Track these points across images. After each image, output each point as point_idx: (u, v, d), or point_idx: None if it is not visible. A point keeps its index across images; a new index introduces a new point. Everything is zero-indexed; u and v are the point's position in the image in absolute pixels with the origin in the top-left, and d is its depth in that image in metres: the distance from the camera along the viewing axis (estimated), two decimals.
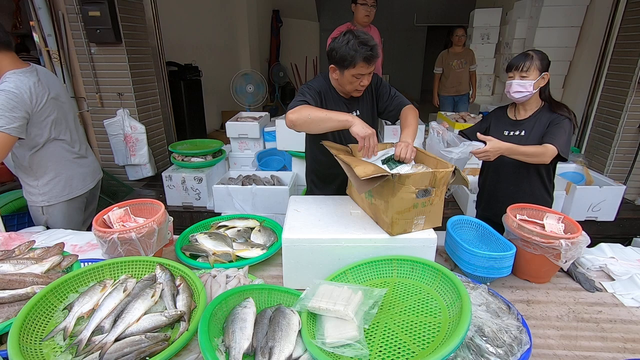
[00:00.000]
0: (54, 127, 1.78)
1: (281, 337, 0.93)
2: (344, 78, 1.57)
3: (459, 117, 3.71)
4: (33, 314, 0.97)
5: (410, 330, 0.94)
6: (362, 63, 1.48)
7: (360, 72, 1.52)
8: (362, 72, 1.52)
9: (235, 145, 3.59)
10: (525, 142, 1.64)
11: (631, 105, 3.24)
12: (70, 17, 3.15)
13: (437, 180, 1.20)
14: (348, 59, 1.49)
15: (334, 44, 1.53)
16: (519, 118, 1.74)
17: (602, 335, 1.10)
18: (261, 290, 1.14)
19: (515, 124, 1.74)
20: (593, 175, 3.08)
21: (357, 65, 1.49)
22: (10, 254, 1.27)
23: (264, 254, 1.41)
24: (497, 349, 0.92)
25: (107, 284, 1.09)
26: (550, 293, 1.29)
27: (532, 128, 1.67)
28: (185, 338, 0.92)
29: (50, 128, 1.76)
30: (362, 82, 1.57)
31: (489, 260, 1.23)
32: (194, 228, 1.64)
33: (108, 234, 1.23)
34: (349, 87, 1.60)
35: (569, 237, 1.24)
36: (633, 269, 1.37)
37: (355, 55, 1.47)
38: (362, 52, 1.46)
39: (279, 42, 8.52)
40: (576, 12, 4.40)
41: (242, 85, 4.97)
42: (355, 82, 1.56)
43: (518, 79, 1.62)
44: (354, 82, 1.56)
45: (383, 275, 1.20)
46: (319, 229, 1.28)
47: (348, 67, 1.51)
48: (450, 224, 1.46)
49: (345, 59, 1.49)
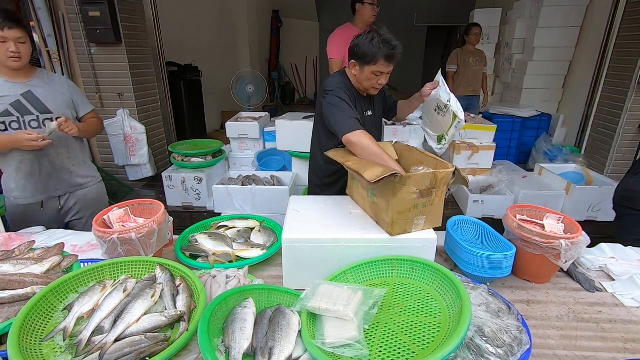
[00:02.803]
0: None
1: (281, 338, 0.93)
2: (363, 74, 1.60)
3: None
4: (33, 315, 0.97)
5: (410, 331, 0.94)
6: (382, 61, 1.52)
7: (380, 69, 1.55)
8: (382, 70, 1.56)
9: (235, 145, 3.59)
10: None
11: (631, 105, 3.24)
12: (70, 18, 3.15)
13: (438, 180, 1.20)
14: (370, 55, 1.52)
15: (358, 40, 1.57)
16: None
17: (602, 335, 1.09)
18: (261, 291, 1.14)
19: None
20: (593, 175, 3.08)
21: (378, 63, 1.53)
22: (10, 254, 1.27)
23: (264, 254, 1.41)
24: (497, 349, 0.92)
25: (107, 285, 1.09)
26: (550, 293, 1.29)
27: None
28: (185, 338, 0.92)
29: None
30: (380, 81, 1.60)
31: (489, 260, 1.23)
32: (194, 228, 1.63)
33: (108, 234, 1.23)
34: (366, 84, 1.63)
35: (569, 237, 1.24)
36: (633, 269, 1.37)
37: (377, 52, 1.51)
38: (384, 50, 1.50)
39: (279, 42, 8.53)
40: (576, 12, 4.40)
41: (242, 85, 4.97)
42: (374, 79, 1.59)
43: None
44: (373, 79, 1.59)
45: (383, 276, 1.19)
46: (319, 229, 1.28)
47: (369, 64, 1.55)
48: (450, 224, 1.46)
49: (367, 55, 1.53)
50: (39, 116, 1.72)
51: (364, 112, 1.74)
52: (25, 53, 1.63)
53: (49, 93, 1.75)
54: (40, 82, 1.75)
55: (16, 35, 1.57)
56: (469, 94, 4.51)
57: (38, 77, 1.75)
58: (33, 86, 1.72)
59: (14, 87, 1.68)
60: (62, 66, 3.25)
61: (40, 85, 1.74)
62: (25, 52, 1.63)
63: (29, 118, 1.71)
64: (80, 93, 1.94)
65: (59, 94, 1.79)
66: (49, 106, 1.74)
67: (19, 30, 1.58)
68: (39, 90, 1.73)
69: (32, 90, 1.71)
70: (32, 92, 1.71)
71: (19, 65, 1.63)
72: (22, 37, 1.59)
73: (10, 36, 1.56)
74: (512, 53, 5.19)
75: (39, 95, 1.72)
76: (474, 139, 3.46)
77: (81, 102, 1.90)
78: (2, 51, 1.57)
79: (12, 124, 1.69)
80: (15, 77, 1.69)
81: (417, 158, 1.43)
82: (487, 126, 3.47)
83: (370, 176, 1.15)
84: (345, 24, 3.07)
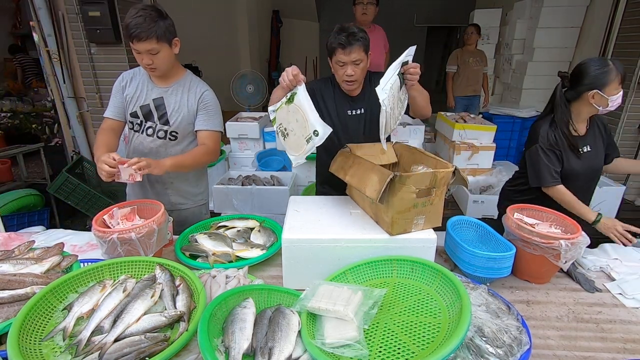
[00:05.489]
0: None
1: (281, 338, 0.93)
2: (333, 69, 1.61)
3: (458, 117, 3.71)
4: (33, 314, 0.97)
5: (410, 331, 0.94)
6: (339, 49, 1.50)
7: (340, 59, 1.52)
8: (342, 60, 1.52)
9: (235, 145, 3.59)
10: (595, 159, 1.65)
11: (631, 106, 3.24)
12: (70, 17, 3.15)
13: (438, 180, 1.20)
14: (329, 47, 1.54)
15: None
16: (581, 133, 1.65)
17: (602, 335, 1.09)
18: (261, 291, 1.14)
19: (581, 139, 1.64)
20: None
21: (337, 52, 1.52)
22: (9, 254, 1.27)
23: (263, 254, 1.41)
24: (496, 350, 0.92)
25: (106, 284, 1.09)
26: (550, 293, 1.29)
27: (594, 142, 1.65)
28: (185, 338, 0.92)
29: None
30: (347, 72, 1.54)
31: (488, 260, 1.23)
32: (194, 228, 1.63)
33: (108, 234, 1.23)
34: (338, 78, 1.62)
35: (569, 238, 1.24)
36: (639, 269, 1.38)
37: (333, 42, 1.51)
38: (338, 38, 1.49)
39: (279, 42, 8.53)
40: (576, 13, 4.39)
41: (242, 86, 4.97)
42: (340, 70, 1.56)
43: (621, 91, 1.51)
44: (339, 70, 1.56)
45: (383, 276, 1.19)
46: (319, 229, 1.28)
47: (331, 56, 1.56)
48: (450, 224, 1.46)
49: (328, 49, 1.56)
50: (156, 125, 1.66)
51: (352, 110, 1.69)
52: (161, 63, 1.53)
53: (176, 104, 1.64)
54: (179, 89, 1.65)
55: (147, 47, 1.46)
56: (469, 94, 4.52)
57: (179, 84, 1.65)
58: (168, 93, 1.64)
59: (152, 91, 1.64)
60: (62, 66, 3.25)
61: (176, 93, 1.65)
62: (159, 62, 1.52)
63: (149, 124, 1.66)
64: (212, 109, 1.68)
65: (185, 108, 1.64)
66: (170, 118, 1.65)
67: (149, 42, 1.45)
68: (171, 98, 1.64)
69: (164, 97, 1.64)
70: (164, 98, 1.64)
71: (156, 73, 1.58)
72: (154, 49, 1.48)
73: (142, 48, 1.46)
74: (512, 53, 5.18)
75: (168, 103, 1.64)
76: (474, 139, 3.46)
77: (204, 118, 1.66)
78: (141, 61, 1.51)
79: (135, 126, 1.67)
80: (157, 81, 1.64)
81: (417, 158, 1.43)
82: (487, 126, 3.47)
83: (373, 194, 1.15)
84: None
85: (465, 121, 3.57)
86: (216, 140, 1.70)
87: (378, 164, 1.28)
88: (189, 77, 1.69)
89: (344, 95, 1.70)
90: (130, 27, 1.41)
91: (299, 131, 1.36)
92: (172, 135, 1.67)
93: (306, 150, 1.35)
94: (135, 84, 1.66)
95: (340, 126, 1.70)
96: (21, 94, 5.81)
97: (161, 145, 1.68)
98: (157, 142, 1.67)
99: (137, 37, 1.42)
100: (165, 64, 1.56)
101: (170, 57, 1.56)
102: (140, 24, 1.41)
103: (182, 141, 1.70)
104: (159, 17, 1.46)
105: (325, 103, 1.69)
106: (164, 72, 1.60)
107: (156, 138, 1.67)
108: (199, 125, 1.66)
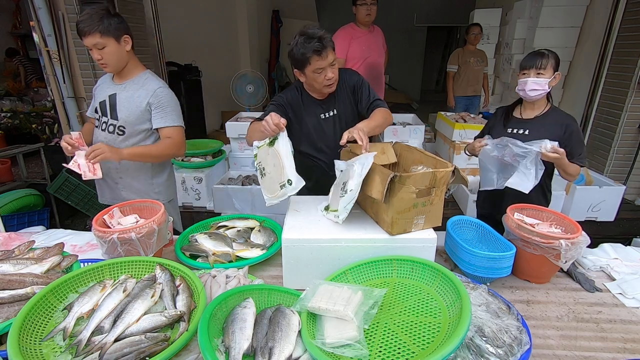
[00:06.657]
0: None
1: (281, 338, 0.93)
2: (308, 78, 1.58)
3: (458, 117, 3.71)
4: (33, 314, 0.97)
5: (410, 331, 0.94)
6: (315, 57, 1.48)
7: (317, 66, 1.51)
8: (319, 66, 1.51)
9: (235, 145, 3.59)
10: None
11: (631, 106, 3.24)
12: (70, 17, 3.14)
13: (437, 180, 1.20)
14: (301, 59, 1.50)
15: (289, 50, 1.55)
16: (525, 117, 1.74)
17: (602, 335, 1.09)
18: (261, 291, 1.14)
19: (520, 122, 1.75)
20: (593, 175, 3.08)
21: (312, 61, 1.49)
22: (10, 254, 1.27)
23: (263, 254, 1.41)
24: (497, 349, 0.92)
25: (106, 284, 1.09)
26: (550, 293, 1.29)
27: (538, 129, 1.67)
28: (185, 338, 0.92)
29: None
30: (327, 76, 1.55)
31: (488, 260, 1.23)
32: (194, 228, 1.64)
33: (108, 234, 1.23)
34: (317, 85, 1.60)
35: (569, 238, 1.24)
36: (639, 269, 1.38)
37: (305, 52, 1.48)
38: (309, 47, 1.46)
39: (279, 42, 8.53)
40: (576, 13, 4.40)
41: (242, 86, 4.97)
42: (320, 77, 1.55)
43: (534, 76, 1.61)
44: (318, 77, 1.55)
45: (383, 276, 1.19)
46: (318, 229, 1.28)
47: (305, 66, 1.52)
48: (450, 224, 1.46)
49: (299, 60, 1.51)
50: (109, 120, 1.73)
51: (325, 114, 1.71)
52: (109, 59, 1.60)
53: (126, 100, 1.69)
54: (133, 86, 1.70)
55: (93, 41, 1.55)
56: (469, 94, 4.51)
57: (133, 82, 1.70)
58: (121, 89, 1.70)
59: (109, 88, 1.72)
60: (62, 66, 3.24)
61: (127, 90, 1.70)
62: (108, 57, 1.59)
63: (104, 119, 1.74)
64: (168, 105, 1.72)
65: (134, 104, 1.68)
66: (119, 113, 1.70)
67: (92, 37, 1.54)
68: (122, 95, 1.70)
69: (117, 93, 1.70)
70: (117, 94, 1.70)
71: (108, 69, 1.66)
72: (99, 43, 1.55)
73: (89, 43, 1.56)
74: (512, 53, 5.19)
75: (120, 99, 1.70)
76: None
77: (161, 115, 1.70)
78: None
79: (97, 122, 1.78)
80: (115, 78, 1.74)
81: (416, 158, 1.43)
82: None
83: (378, 195, 1.16)
84: (349, 24, 3.08)
85: (465, 121, 3.58)
86: (180, 134, 1.76)
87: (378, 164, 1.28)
88: (146, 75, 1.74)
89: (313, 100, 1.70)
90: (77, 24, 1.54)
91: (275, 175, 1.41)
92: (120, 130, 1.72)
93: (279, 196, 1.40)
94: (101, 82, 1.80)
95: (318, 132, 1.71)
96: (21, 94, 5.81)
97: (110, 140, 1.73)
98: (108, 136, 1.74)
99: (81, 32, 1.54)
100: (115, 60, 1.62)
101: (119, 53, 1.62)
102: (85, 20, 1.52)
103: (131, 137, 1.73)
104: (105, 14, 1.55)
105: (297, 115, 1.69)
106: (115, 69, 1.67)
107: (107, 133, 1.74)
108: (157, 123, 1.71)
